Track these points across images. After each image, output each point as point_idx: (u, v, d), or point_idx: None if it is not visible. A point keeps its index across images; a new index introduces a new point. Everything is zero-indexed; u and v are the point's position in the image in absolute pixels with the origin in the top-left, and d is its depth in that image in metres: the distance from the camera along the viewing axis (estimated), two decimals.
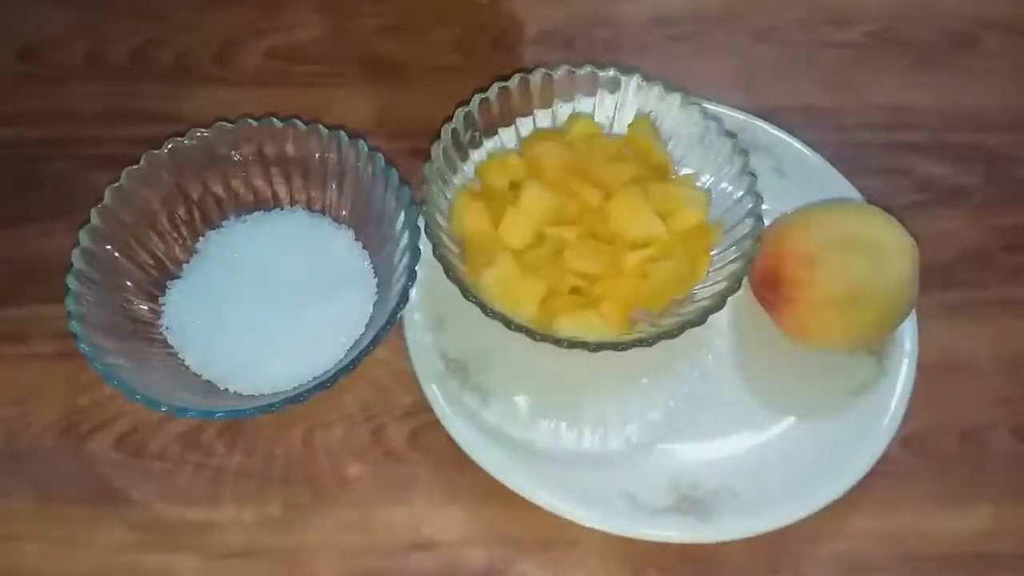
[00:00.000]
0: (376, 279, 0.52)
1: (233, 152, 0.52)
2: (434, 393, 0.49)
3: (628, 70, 0.54)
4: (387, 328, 0.46)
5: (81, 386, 0.51)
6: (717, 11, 0.67)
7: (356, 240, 0.53)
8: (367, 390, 0.51)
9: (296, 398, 0.45)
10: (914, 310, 0.51)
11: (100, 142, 0.60)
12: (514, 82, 0.54)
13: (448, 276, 0.47)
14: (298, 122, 0.52)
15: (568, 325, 0.48)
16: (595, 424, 0.50)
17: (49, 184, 0.58)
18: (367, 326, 0.50)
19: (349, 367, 0.45)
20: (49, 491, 0.48)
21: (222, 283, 0.50)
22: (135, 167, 0.50)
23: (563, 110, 0.55)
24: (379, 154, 0.51)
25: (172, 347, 0.49)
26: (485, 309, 0.47)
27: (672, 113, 0.54)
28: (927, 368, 0.51)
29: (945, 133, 0.62)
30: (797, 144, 0.58)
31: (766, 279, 0.50)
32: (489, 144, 0.54)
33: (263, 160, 0.53)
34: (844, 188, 0.56)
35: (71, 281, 0.46)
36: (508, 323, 0.46)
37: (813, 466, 0.48)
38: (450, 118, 0.52)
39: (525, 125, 0.55)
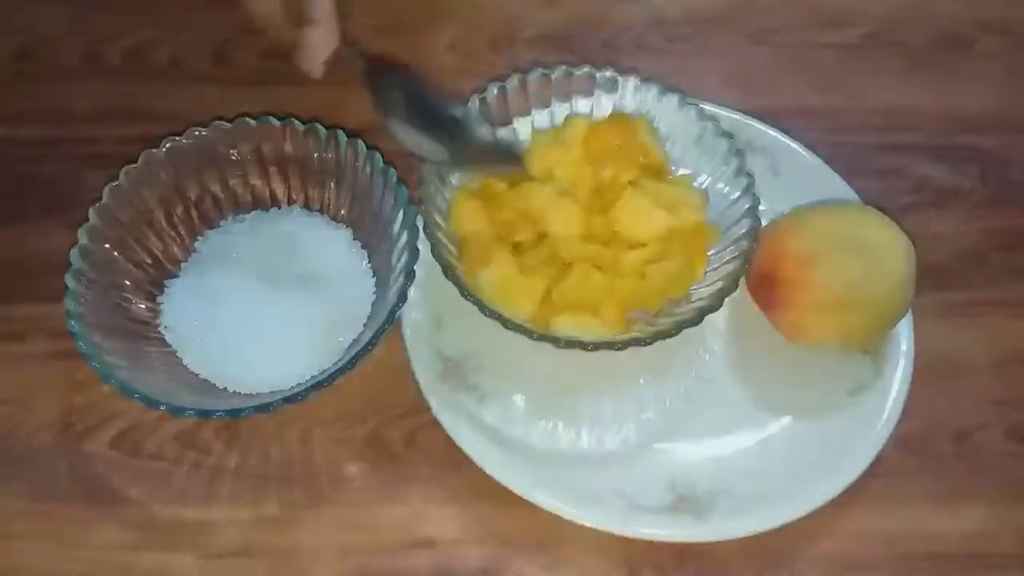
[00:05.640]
0: (374, 279, 0.52)
1: (231, 151, 0.52)
2: (432, 392, 0.49)
3: (626, 71, 0.54)
4: (385, 328, 0.46)
5: (77, 385, 0.51)
6: (714, 13, 0.68)
7: (354, 239, 0.53)
8: (365, 389, 0.51)
9: (294, 397, 0.45)
10: (910, 311, 0.51)
11: (96, 141, 0.60)
12: (512, 82, 0.54)
13: (446, 276, 0.47)
14: (296, 121, 0.52)
15: (565, 325, 0.48)
16: (592, 423, 0.50)
17: (44, 183, 0.58)
18: (365, 325, 0.50)
19: (347, 366, 0.45)
20: (45, 490, 0.48)
21: (220, 282, 0.50)
22: (133, 166, 0.50)
23: (561, 110, 0.55)
24: (377, 153, 0.51)
25: (170, 346, 0.49)
26: (483, 308, 0.47)
27: (669, 114, 0.54)
28: (922, 368, 0.51)
29: (940, 135, 0.62)
30: (793, 145, 0.58)
31: (762, 279, 0.50)
32: None
33: (261, 159, 0.53)
34: (841, 189, 0.57)
35: (69, 280, 0.46)
36: (506, 323, 0.47)
37: (809, 466, 0.48)
38: None
39: (523, 125, 0.55)
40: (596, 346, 0.46)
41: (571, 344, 0.46)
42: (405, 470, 0.49)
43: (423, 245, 0.48)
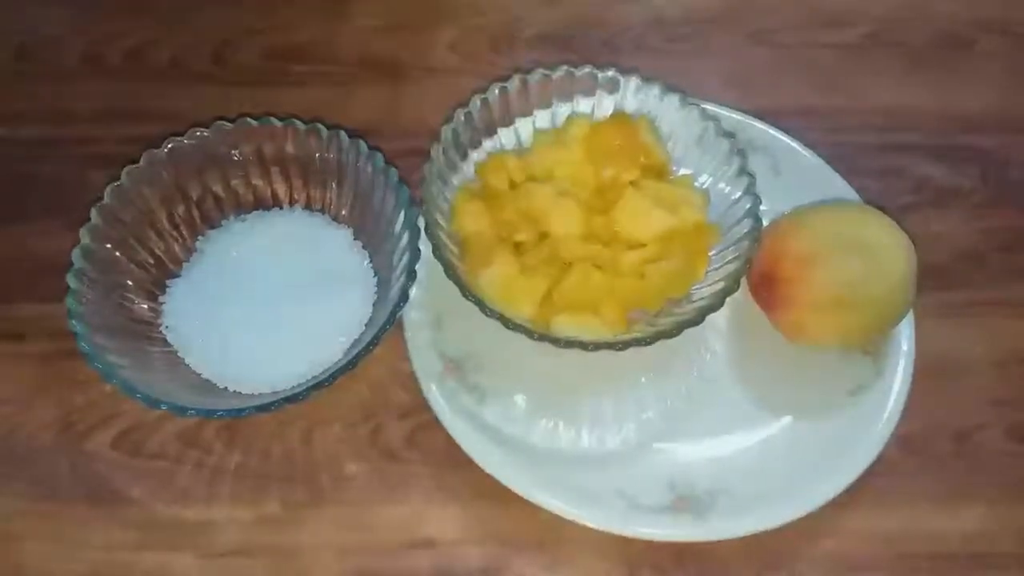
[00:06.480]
0: (376, 278, 0.52)
1: (233, 152, 0.52)
2: (432, 392, 0.49)
3: (627, 71, 0.54)
4: (386, 327, 0.46)
5: (79, 385, 0.51)
6: (714, 13, 0.68)
7: (356, 240, 0.53)
8: (366, 389, 0.51)
9: (295, 397, 0.45)
10: (911, 311, 0.51)
11: (96, 141, 0.60)
12: (513, 83, 0.54)
13: (447, 276, 0.47)
14: (297, 122, 0.52)
15: (566, 325, 0.48)
16: (592, 423, 0.50)
17: (45, 183, 0.58)
18: (366, 325, 0.50)
19: (348, 366, 0.46)
20: (46, 490, 0.48)
21: (222, 282, 0.50)
22: (135, 166, 0.50)
23: (562, 111, 0.55)
24: (379, 154, 0.51)
25: (172, 346, 0.49)
26: (484, 309, 0.47)
27: (671, 114, 0.54)
28: (922, 368, 0.51)
29: (940, 135, 0.62)
30: (794, 144, 0.58)
31: (763, 279, 0.50)
32: (488, 144, 0.54)
33: (262, 160, 0.53)
34: (841, 188, 0.56)
35: (71, 279, 0.46)
36: (506, 323, 0.47)
37: (809, 466, 0.48)
38: (450, 119, 0.52)
39: (524, 125, 0.55)
40: (597, 346, 0.46)
41: (571, 344, 0.47)
42: (405, 470, 0.49)
43: (424, 245, 0.48)
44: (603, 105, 0.55)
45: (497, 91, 0.53)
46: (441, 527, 0.48)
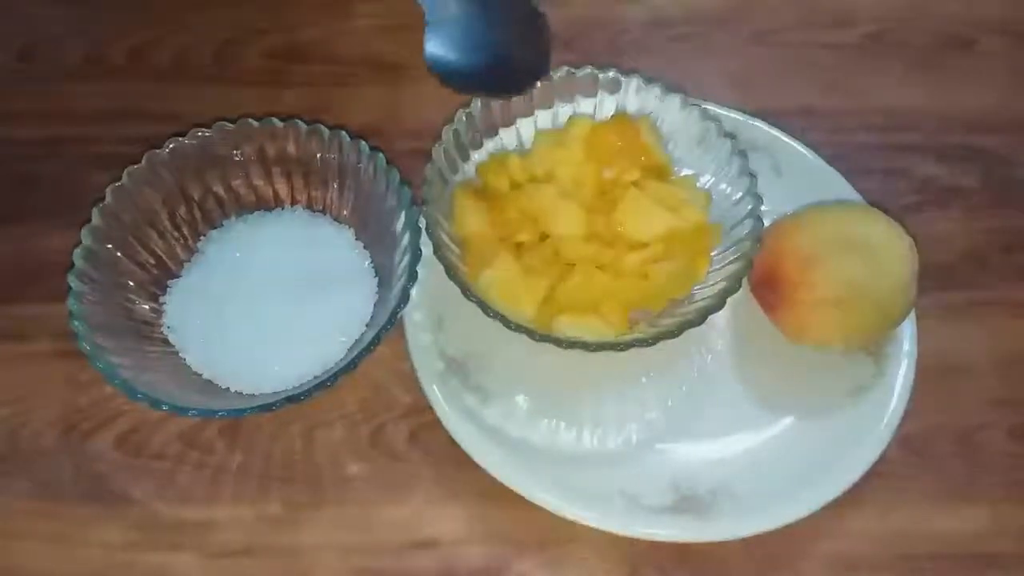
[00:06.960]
0: (377, 279, 0.52)
1: (234, 152, 0.52)
2: (434, 392, 0.49)
3: (628, 71, 0.54)
4: (388, 328, 0.46)
5: (81, 385, 0.51)
6: (716, 13, 0.68)
7: (357, 240, 0.53)
8: (367, 389, 0.51)
9: (297, 397, 0.45)
10: (913, 311, 0.51)
11: (98, 142, 0.60)
12: None
13: (449, 276, 0.47)
14: (299, 122, 0.52)
15: (568, 325, 0.48)
16: (594, 423, 0.50)
17: (47, 184, 0.58)
18: (368, 325, 0.50)
19: (350, 366, 0.46)
20: (48, 490, 0.48)
21: (223, 283, 0.50)
22: (136, 167, 0.50)
23: (563, 111, 0.55)
24: (380, 154, 0.51)
25: (173, 346, 0.49)
26: (485, 309, 0.47)
27: (672, 114, 0.54)
28: (924, 368, 0.51)
29: (942, 135, 0.62)
30: (796, 145, 0.58)
31: (765, 279, 0.50)
32: (490, 144, 0.54)
33: (264, 160, 0.53)
34: (843, 189, 0.56)
35: (72, 280, 0.46)
36: (508, 323, 0.47)
37: (811, 466, 0.48)
38: (451, 119, 0.52)
39: (526, 126, 0.55)
40: (598, 347, 0.46)
41: (573, 345, 0.47)
42: (407, 470, 0.49)
43: (425, 245, 0.48)
44: (604, 106, 0.55)
45: None
46: (443, 527, 0.48)
